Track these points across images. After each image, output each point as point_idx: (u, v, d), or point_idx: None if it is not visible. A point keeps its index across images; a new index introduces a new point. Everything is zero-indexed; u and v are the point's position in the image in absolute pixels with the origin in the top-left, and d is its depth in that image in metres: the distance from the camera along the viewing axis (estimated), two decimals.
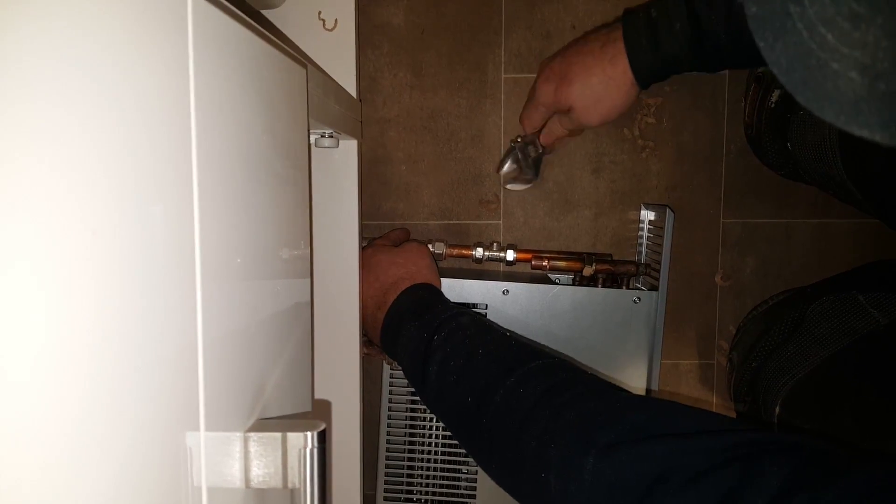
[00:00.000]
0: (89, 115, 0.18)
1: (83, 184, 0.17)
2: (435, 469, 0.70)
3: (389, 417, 0.70)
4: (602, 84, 0.59)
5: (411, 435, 0.70)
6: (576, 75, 0.60)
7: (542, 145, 0.69)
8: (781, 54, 0.27)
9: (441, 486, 0.69)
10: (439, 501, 0.70)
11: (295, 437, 0.28)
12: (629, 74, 0.58)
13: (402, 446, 0.70)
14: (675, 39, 0.56)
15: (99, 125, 0.18)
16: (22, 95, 0.15)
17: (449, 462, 0.69)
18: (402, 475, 0.70)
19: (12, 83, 0.15)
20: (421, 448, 0.70)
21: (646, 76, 0.59)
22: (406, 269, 0.63)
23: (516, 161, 0.71)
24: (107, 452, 0.19)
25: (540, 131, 0.69)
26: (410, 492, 0.70)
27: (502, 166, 0.72)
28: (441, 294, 0.63)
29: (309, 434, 0.28)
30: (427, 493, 0.70)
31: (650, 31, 0.56)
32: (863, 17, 0.24)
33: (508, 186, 0.73)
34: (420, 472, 0.70)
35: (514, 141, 0.71)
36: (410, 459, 0.70)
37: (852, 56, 0.25)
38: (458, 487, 0.69)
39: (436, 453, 0.69)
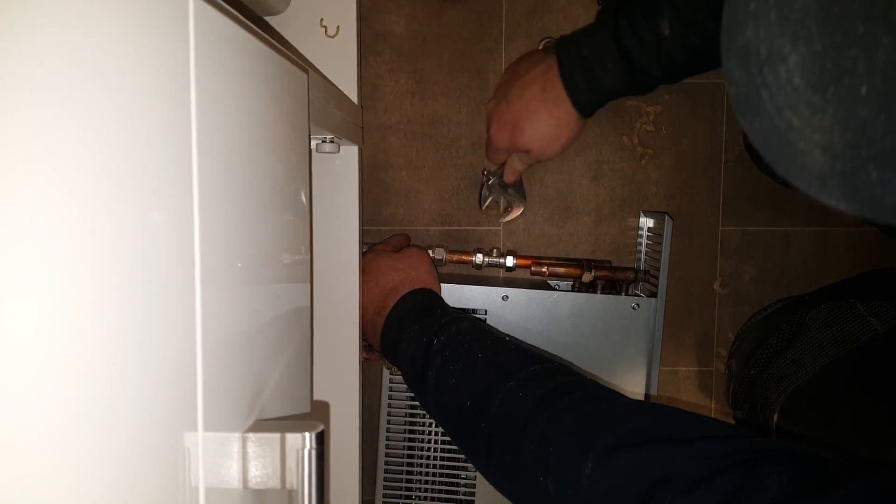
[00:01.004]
0: (91, 118, 0.18)
1: (85, 186, 0.18)
2: (433, 475, 0.70)
3: (388, 423, 0.70)
4: (552, 126, 0.63)
5: (410, 440, 0.70)
6: (526, 122, 0.63)
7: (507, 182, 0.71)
8: (759, 132, 0.30)
9: (439, 491, 0.69)
10: None
11: (293, 438, 0.28)
12: (574, 112, 0.62)
13: (401, 451, 0.70)
14: (610, 77, 0.59)
15: (101, 128, 0.18)
16: (27, 98, 0.16)
17: (448, 468, 0.69)
18: (400, 480, 0.70)
19: (19, 85, 0.15)
20: (420, 454, 0.70)
21: (590, 110, 0.63)
22: (406, 275, 0.63)
23: (493, 194, 0.72)
24: (105, 452, 0.19)
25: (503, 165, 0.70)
26: (409, 497, 0.70)
27: (483, 203, 0.73)
28: (441, 299, 0.63)
29: (307, 435, 0.28)
30: (425, 498, 0.70)
31: (585, 71, 0.59)
32: (818, 107, 0.27)
33: (503, 221, 0.74)
34: (419, 477, 0.70)
35: (485, 174, 0.72)
36: (409, 465, 0.70)
37: (814, 138, 0.28)
38: (456, 493, 0.69)
39: (434, 458, 0.69)
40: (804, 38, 0.27)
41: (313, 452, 0.28)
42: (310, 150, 0.39)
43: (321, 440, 0.28)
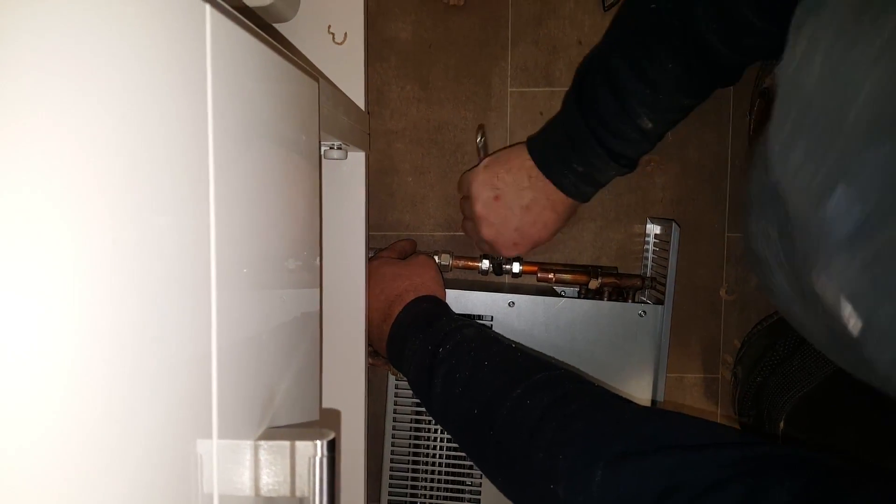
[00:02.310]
0: (114, 133, 0.18)
1: (106, 195, 0.18)
2: (439, 480, 0.69)
3: (394, 428, 0.70)
4: (562, 226, 0.67)
5: (415, 446, 0.70)
6: (542, 237, 0.66)
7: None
8: (759, 275, 0.33)
9: (444, 498, 0.69)
10: None
11: (304, 446, 0.28)
12: (577, 204, 0.66)
13: (406, 457, 0.70)
14: (608, 174, 0.62)
15: (121, 139, 0.18)
16: (51, 108, 0.16)
17: (453, 473, 0.69)
18: (405, 486, 0.70)
19: (45, 97, 0.15)
20: (425, 459, 0.70)
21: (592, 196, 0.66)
22: (411, 281, 0.63)
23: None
24: (124, 459, 0.19)
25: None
26: (414, 503, 0.70)
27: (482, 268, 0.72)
28: (446, 306, 0.63)
29: (318, 443, 0.28)
30: (431, 503, 0.70)
31: (587, 183, 0.62)
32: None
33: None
34: (424, 483, 0.70)
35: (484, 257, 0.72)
36: (414, 471, 0.70)
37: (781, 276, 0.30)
38: (461, 500, 0.69)
39: (440, 465, 0.69)
40: None
41: (325, 461, 0.28)
42: (320, 158, 0.39)
43: (332, 448, 0.28)
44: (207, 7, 0.23)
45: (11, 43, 0.15)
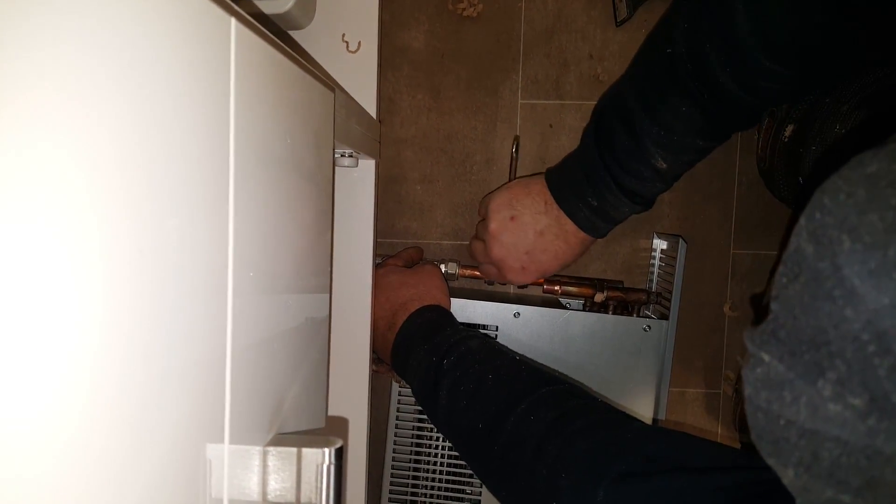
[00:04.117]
0: (138, 139, 0.18)
1: (131, 201, 0.18)
2: (439, 488, 0.70)
3: (396, 435, 0.70)
4: (571, 261, 0.67)
5: (417, 453, 0.70)
6: (550, 267, 0.66)
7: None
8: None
9: None
10: None
11: (312, 454, 0.28)
12: (592, 239, 0.66)
13: (407, 464, 0.70)
14: (624, 211, 0.62)
15: (147, 147, 0.19)
16: (85, 118, 0.16)
17: (453, 482, 0.69)
18: (405, 493, 0.70)
19: (76, 112, 0.16)
20: (426, 466, 0.70)
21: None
22: (416, 290, 0.64)
23: None
24: (138, 461, 0.19)
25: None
26: None
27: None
28: (450, 316, 0.64)
29: (326, 451, 0.28)
30: None
31: (602, 217, 0.62)
32: None
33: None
34: (424, 490, 0.70)
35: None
36: (415, 477, 0.70)
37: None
38: None
39: (440, 473, 0.70)
40: None
41: (332, 468, 0.28)
42: (333, 166, 0.40)
43: (340, 456, 0.29)
44: (233, 21, 0.23)
45: (57, 58, 0.15)
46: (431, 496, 0.70)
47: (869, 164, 0.23)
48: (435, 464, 0.70)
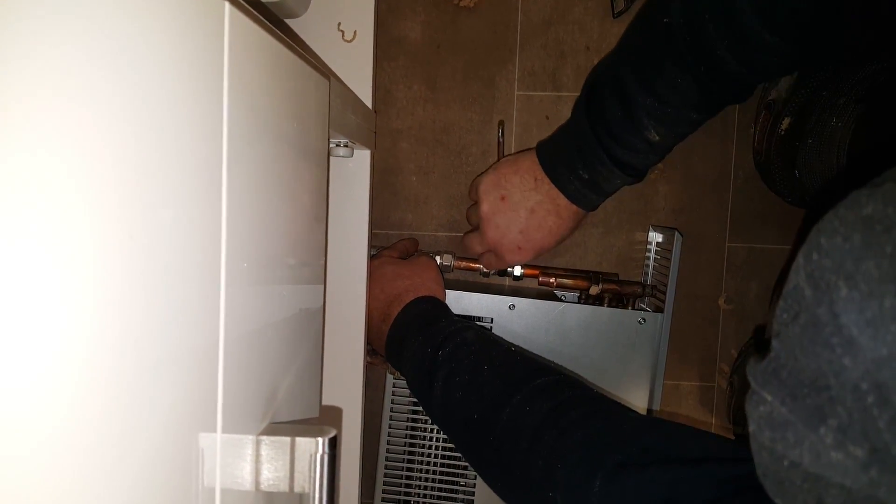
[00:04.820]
0: (129, 124, 0.18)
1: (122, 189, 0.18)
2: (433, 479, 0.70)
3: (390, 426, 0.70)
4: (566, 234, 0.67)
5: (411, 445, 0.70)
6: (546, 244, 0.66)
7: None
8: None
9: (438, 497, 0.70)
10: None
11: (306, 443, 0.28)
12: (585, 212, 0.66)
13: (402, 455, 0.70)
14: (616, 182, 0.62)
15: (138, 133, 0.19)
16: (73, 104, 0.16)
17: (447, 474, 0.69)
18: (399, 485, 0.70)
19: (69, 100, 0.16)
20: (420, 458, 0.70)
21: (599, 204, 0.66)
22: (411, 281, 0.64)
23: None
24: (130, 451, 0.19)
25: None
26: (408, 502, 0.70)
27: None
28: (445, 307, 0.64)
29: (320, 440, 0.28)
30: (424, 503, 0.70)
31: (593, 189, 0.62)
32: None
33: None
34: (418, 482, 0.70)
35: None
36: (409, 470, 0.70)
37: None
38: (455, 500, 0.69)
39: (435, 464, 0.70)
40: None
41: (326, 457, 0.28)
42: (328, 155, 0.40)
43: (334, 446, 0.29)
44: (227, 4, 0.23)
45: (41, 44, 0.15)
46: (426, 488, 0.70)
47: (865, 206, 0.23)
48: (429, 455, 0.70)
